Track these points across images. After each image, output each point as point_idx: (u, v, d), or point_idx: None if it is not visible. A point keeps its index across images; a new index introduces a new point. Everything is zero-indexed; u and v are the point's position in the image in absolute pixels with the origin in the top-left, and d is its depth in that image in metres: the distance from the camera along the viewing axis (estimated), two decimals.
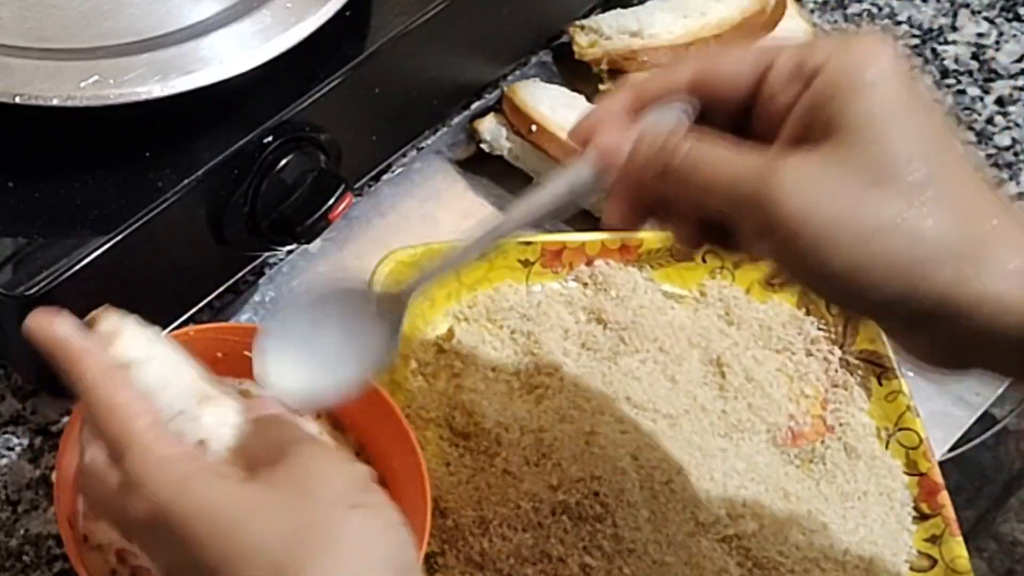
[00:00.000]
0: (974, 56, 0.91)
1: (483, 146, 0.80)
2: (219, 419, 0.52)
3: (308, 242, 0.70)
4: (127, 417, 0.49)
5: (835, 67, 0.48)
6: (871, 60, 0.48)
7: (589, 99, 0.81)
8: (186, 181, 0.63)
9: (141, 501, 0.47)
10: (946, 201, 0.46)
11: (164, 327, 0.68)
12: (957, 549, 0.66)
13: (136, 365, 0.52)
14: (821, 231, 0.46)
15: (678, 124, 0.51)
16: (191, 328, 0.65)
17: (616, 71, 0.82)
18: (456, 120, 0.83)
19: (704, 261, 0.75)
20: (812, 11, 0.92)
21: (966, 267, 0.46)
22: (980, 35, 0.92)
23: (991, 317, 0.46)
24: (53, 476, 0.59)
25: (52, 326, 0.51)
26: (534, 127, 0.77)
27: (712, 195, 0.49)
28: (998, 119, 0.88)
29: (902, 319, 0.48)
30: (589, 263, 0.74)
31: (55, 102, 0.59)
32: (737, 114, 0.52)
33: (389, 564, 0.46)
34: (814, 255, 0.46)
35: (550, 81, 0.83)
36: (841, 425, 0.71)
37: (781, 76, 0.50)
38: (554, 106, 0.78)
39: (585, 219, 0.79)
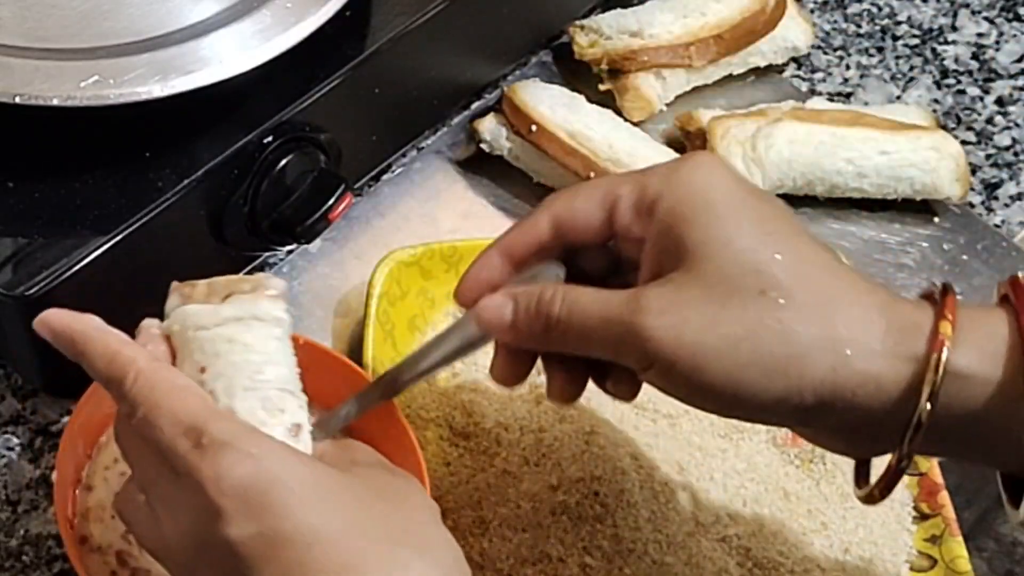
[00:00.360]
0: (974, 56, 0.91)
1: (483, 146, 0.80)
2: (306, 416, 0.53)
3: (308, 242, 0.70)
4: (194, 397, 0.49)
5: (670, 197, 0.51)
6: (700, 184, 0.51)
7: (589, 99, 0.81)
8: (186, 181, 0.63)
9: (232, 463, 0.46)
10: (799, 298, 0.49)
11: None
12: (957, 549, 0.66)
13: (273, 323, 0.52)
14: (693, 352, 0.48)
15: (550, 282, 0.54)
16: None
17: (616, 71, 0.82)
18: (456, 120, 0.83)
19: None
20: (812, 11, 0.92)
21: (834, 355, 0.48)
22: (980, 35, 0.92)
23: (871, 398, 0.48)
24: (53, 476, 0.59)
25: (78, 321, 0.52)
26: (534, 127, 0.77)
27: (590, 341, 0.52)
28: (998, 119, 0.88)
29: (793, 417, 0.50)
30: None
31: (55, 102, 0.59)
32: (607, 257, 0.56)
33: None
34: (695, 375, 0.49)
35: (550, 81, 0.83)
36: None
37: (627, 213, 0.53)
38: (554, 106, 0.78)
39: None
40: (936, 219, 0.82)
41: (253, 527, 0.46)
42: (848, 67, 0.89)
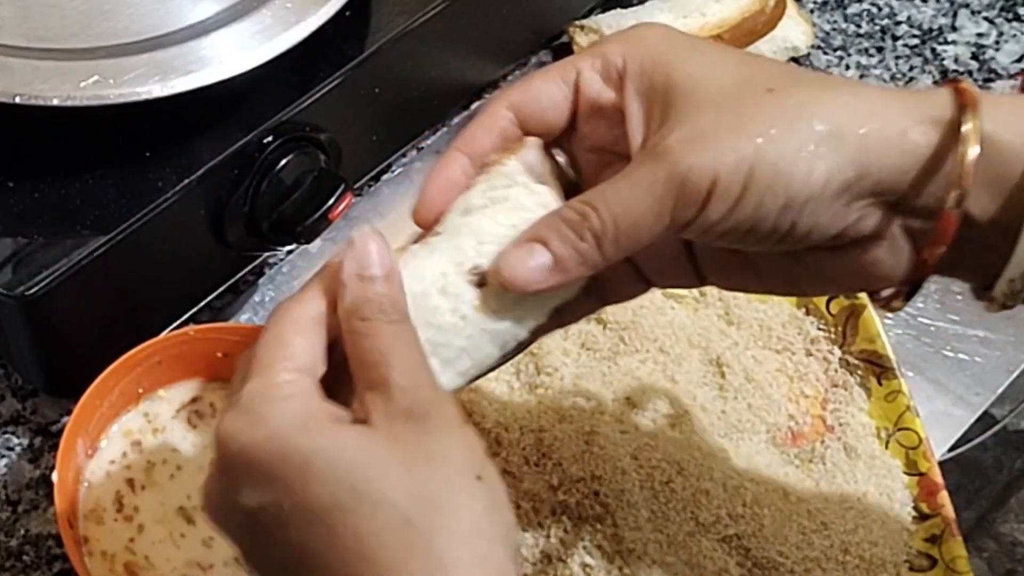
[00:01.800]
0: (974, 56, 0.91)
1: None
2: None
3: (308, 242, 0.70)
4: (280, 356, 0.46)
5: (638, 53, 0.50)
6: (661, 35, 0.51)
7: None
8: (186, 181, 0.63)
9: (253, 428, 0.44)
10: (808, 87, 0.47)
11: (164, 327, 0.68)
12: (957, 549, 0.66)
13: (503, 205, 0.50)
14: (736, 165, 0.46)
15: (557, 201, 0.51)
16: (191, 328, 0.66)
17: None
18: (456, 120, 0.83)
19: None
20: (812, 11, 0.92)
21: (861, 124, 0.46)
22: (980, 35, 0.92)
23: (905, 156, 0.46)
24: (53, 476, 0.59)
25: (350, 263, 0.48)
26: None
27: (646, 226, 0.48)
28: None
29: (839, 200, 0.47)
30: None
31: (55, 102, 0.59)
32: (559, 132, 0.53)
33: (505, 540, 0.45)
34: (748, 186, 0.46)
35: None
36: (841, 425, 0.71)
37: (593, 82, 0.51)
38: None
39: None
40: None
41: (267, 497, 0.44)
42: (848, 67, 0.89)
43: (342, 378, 0.47)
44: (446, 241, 0.51)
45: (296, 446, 0.44)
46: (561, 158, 0.53)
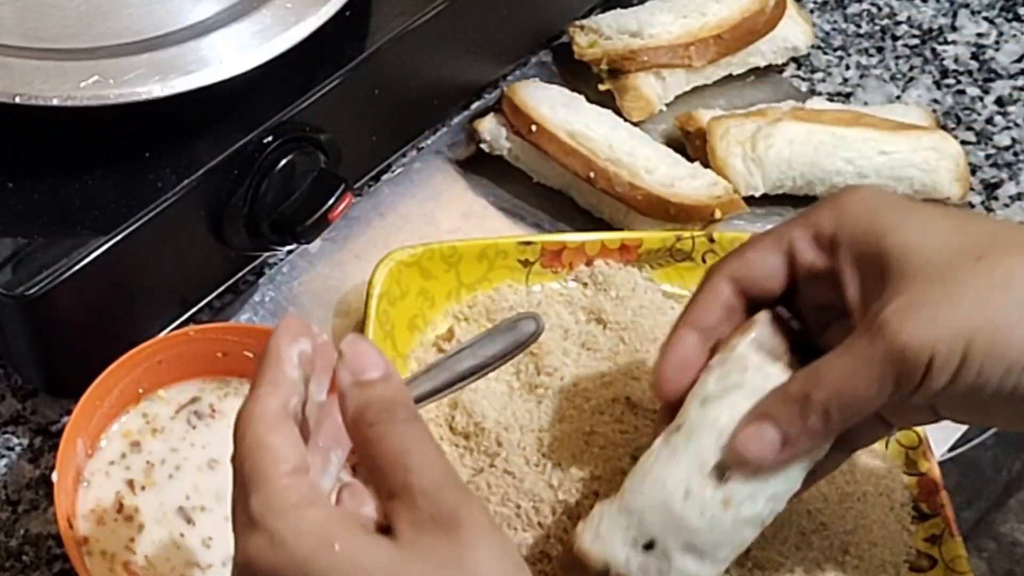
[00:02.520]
0: (974, 56, 0.91)
1: (483, 146, 0.80)
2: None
3: (308, 242, 0.70)
4: (270, 460, 0.45)
5: (849, 222, 0.52)
6: (871, 202, 0.53)
7: (589, 99, 0.81)
8: (186, 181, 0.63)
9: (276, 550, 0.43)
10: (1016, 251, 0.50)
11: (164, 327, 0.68)
12: (957, 549, 0.66)
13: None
14: (953, 334, 0.48)
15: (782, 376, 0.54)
16: (191, 328, 0.66)
17: (616, 71, 0.82)
18: (456, 120, 0.83)
19: (704, 261, 0.75)
20: (812, 11, 0.92)
21: None
22: (980, 35, 0.92)
23: None
24: (53, 476, 0.59)
25: (283, 340, 0.48)
26: (534, 127, 0.77)
27: (865, 397, 0.51)
28: (998, 119, 0.88)
29: None
30: (589, 263, 0.74)
31: (55, 102, 0.59)
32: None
33: None
34: (966, 355, 0.48)
35: (550, 81, 0.83)
36: None
37: (807, 250, 0.54)
38: (554, 106, 0.78)
39: (585, 219, 0.79)
40: None
41: None
42: (848, 67, 0.89)
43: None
44: (685, 441, 0.53)
45: (325, 568, 0.43)
46: (786, 315, 0.55)
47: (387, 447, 0.45)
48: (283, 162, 0.65)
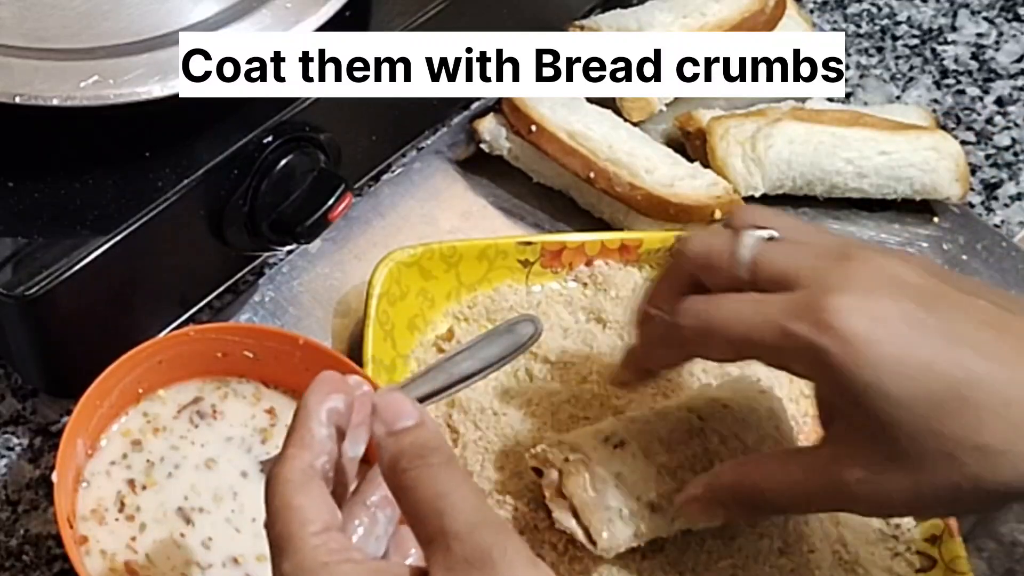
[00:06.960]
0: (974, 56, 0.91)
1: (483, 146, 0.80)
2: None
3: (308, 242, 0.70)
4: (298, 522, 0.45)
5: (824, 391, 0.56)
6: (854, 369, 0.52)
7: (589, 99, 0.81)
8: (186, 181, 0.63)
9: None
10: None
11: (164, 327, 0.68)
12: (957, 549, 0.66)
13: None
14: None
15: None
16: (191, 328, 0.66)
17: None
18: (456, 120, 0.83)
19: None
20: (812, 11, 0.92)
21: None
22: (980, 35, 0.92)
23: None
24: (53, 476, 0.59)
25: (313, 399, 0.49)
26: (534, 127, 0.77)
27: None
28: (998, 119, 0.88)
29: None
30: (589, 263, 0.74)
31: (55, 102, 0.59)
32: None
33: None
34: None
35: None
36: None
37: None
38: (554, 106, 0.78)
39: (585, 219, 0.79)
40: (936, 219, 0.82)
41: None
42: (848, 67, 0.89)
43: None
44: None
45: None
46: None
47: (422, 493, 0.45)
48: (283, 162, 0.65)
